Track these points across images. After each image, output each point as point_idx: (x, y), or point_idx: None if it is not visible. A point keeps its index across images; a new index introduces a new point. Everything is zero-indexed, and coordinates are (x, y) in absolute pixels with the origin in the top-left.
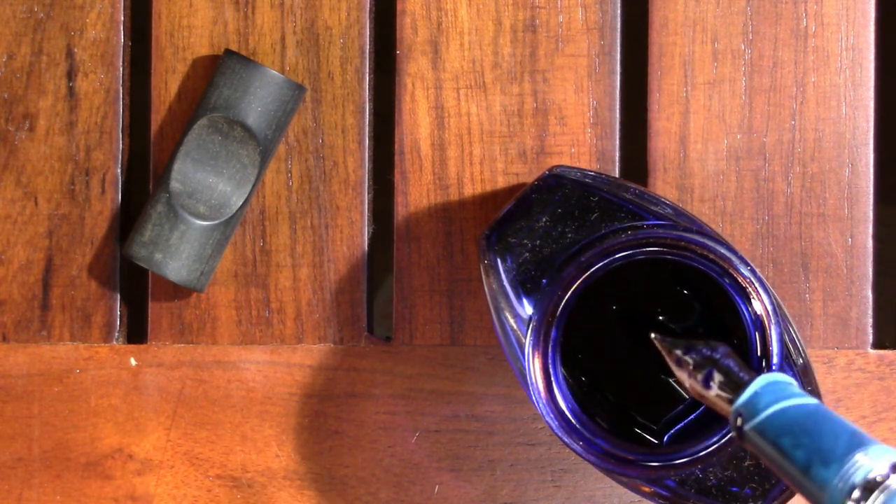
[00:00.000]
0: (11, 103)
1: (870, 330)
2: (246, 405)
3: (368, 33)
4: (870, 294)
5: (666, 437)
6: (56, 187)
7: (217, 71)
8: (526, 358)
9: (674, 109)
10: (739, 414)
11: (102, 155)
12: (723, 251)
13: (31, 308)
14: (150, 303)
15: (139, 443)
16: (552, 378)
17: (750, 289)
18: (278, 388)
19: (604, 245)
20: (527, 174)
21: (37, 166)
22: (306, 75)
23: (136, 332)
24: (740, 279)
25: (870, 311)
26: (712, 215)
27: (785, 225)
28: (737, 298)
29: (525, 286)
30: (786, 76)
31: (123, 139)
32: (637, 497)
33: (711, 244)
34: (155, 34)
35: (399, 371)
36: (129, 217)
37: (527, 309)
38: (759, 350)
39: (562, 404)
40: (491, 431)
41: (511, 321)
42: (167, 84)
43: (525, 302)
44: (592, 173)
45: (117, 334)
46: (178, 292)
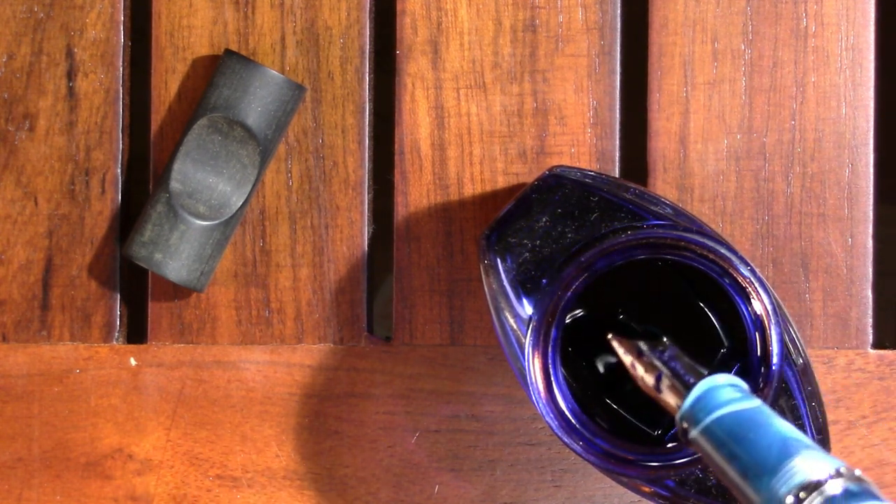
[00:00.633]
0: (11, 103)
1: (870, 330)
2: (246, 405)
3: (368, 33)
4: (870, 294)
5: (666, 437)
6: (56, 187)
7: (217, 71)
8: (526, 358)
9: (674, 109)
10: (684, 420)
11: (102, 155)
12: (723, 251)
13: (31, 308)
14: (150, 303)
15: (139, 443)
16: (552, 378)
17: (750, 289)
18: (278, 388)
19: (604, 245)
20: (527, 174)
21: (37, 166)
22: (306, 75)
23: (136, 332)
24: (740, 279)
25: (870, 311)
26: (712, 215)
27: (785, 225)
28: (737, 298)
29: (525, 286)
30: (786, 76)
31: (123, 139)
32: (637, 497)
33: (711, 244)
34: (155, 34)
35: (399, 371)
36: (129, 217)
37: (527, 309)
38: (759, 350)
39: (562, 404)
40: (491, 431)
41: (511, 321)
42: (167, 84)
43: (525, 302)
44: (592, 173)
45: (117, 334)
46: (178, 292)
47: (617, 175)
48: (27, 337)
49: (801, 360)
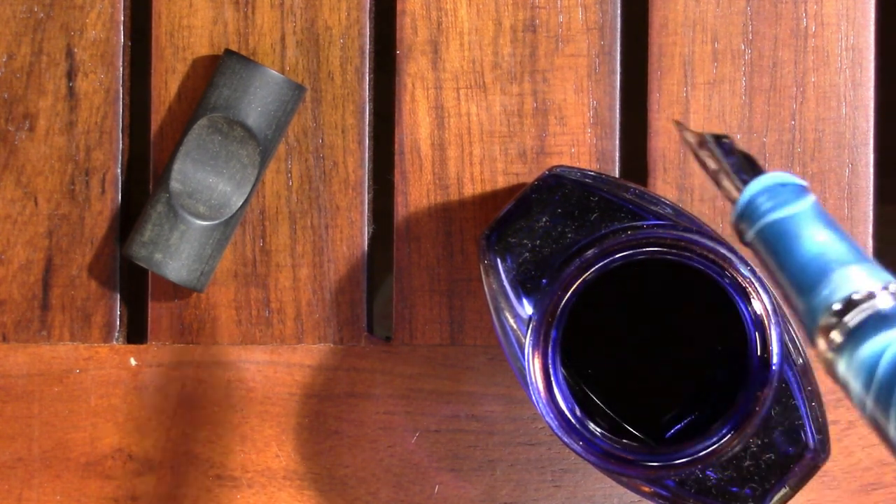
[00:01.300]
0: (11, 103)
1: None
2: (246, 405)
3: (368, 33)
4: None
5: (666, 437)
6: (56, 187)
7: (217, 71)
8: (526, 358)
9: (674, 109)
10: (739, 222)
11: (102, 155)
12: (723, 251)
13: (31, 308)
14: (150, 303)
15: (139, 443)
16: (552, 378)
17: (750, 289)
18: (278, 388)
19: (604, 245)
20: (527, 174)
21: (37, 166)
22: (306, 75)
23: (136, 332)
24: (740, 279)
25: None
26: (712, 215)
27: None
28: (737, 298)
29: (525, 286)
30: (786, 76)
31: (123, 139)
32: (637, 497)
33: (711, 244)
34: (155, 34)
35: (399, 371)
36: (129, 217)
37: (527, 309)
38: (759, 350)
39: (562, 404)
40: (491, 431)
41: (511, 321)
42: (167, 84)
43: (525, 302)
44: (592, 173)
45: (117, 334)
46: (178, 292)
47: (617, 175)
48: (27, 337)
49: (801, 360)
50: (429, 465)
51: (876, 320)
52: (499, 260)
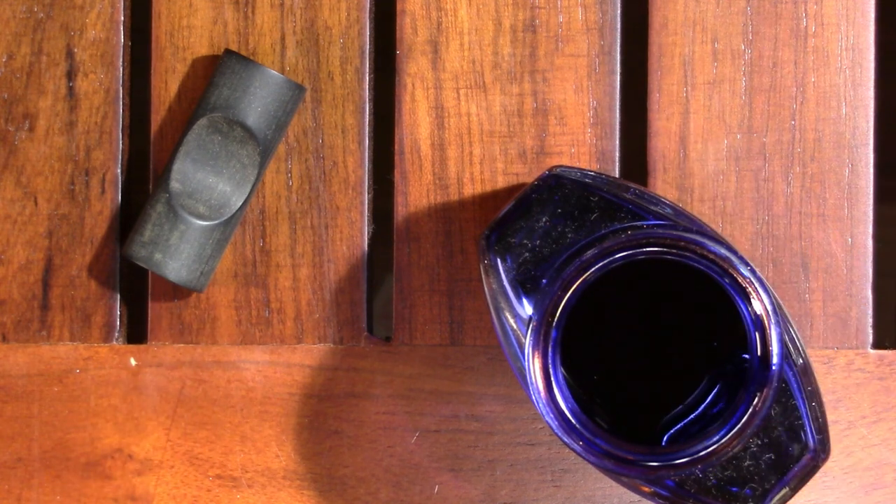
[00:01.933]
0: (11, 103)
1: (870, 330)
2: (246, 405)
3: (368, 33)
4: (870, 294)
5: (666, 437)
6: (56, 187)
7: (217, 71)
8: (526, 358)
9: (674, 109)
10: None
11: (102, 155)
12: (723, 251)
13: (31, 308)
14: (150, 303)
15: (139, 443)
16: (552, 378)
17: (750, 289)
18: (278, 388)
19: (604, 245)
20: (527, 174)
21: (37, 166)
22: (306, 75)
23: (136, 332)
24: (740, 279)
25: (870, 311)
26: (712, 215)
27: (785, 225)
28: (737, 298)
29: (525, 286)
30: (786, 76)
31: (123, 139)
32: (637, 497)
33: (711, 244)
34: (155, 34)
35: (399, 371)
36: (129, 217)
37: (527, 309)
38: (759, 350)
39: (562, 404)
40: (491, 431)
41: (511, 321)
42: (167, 84)
43: (525, 302)
44: (592, 173)
45: (117, 334)
46: (178, 292)
47: (617, 175)
48: (27, 337)
49: (801, 360)
50: (429, 466)
51: None
52: (499, 260)
